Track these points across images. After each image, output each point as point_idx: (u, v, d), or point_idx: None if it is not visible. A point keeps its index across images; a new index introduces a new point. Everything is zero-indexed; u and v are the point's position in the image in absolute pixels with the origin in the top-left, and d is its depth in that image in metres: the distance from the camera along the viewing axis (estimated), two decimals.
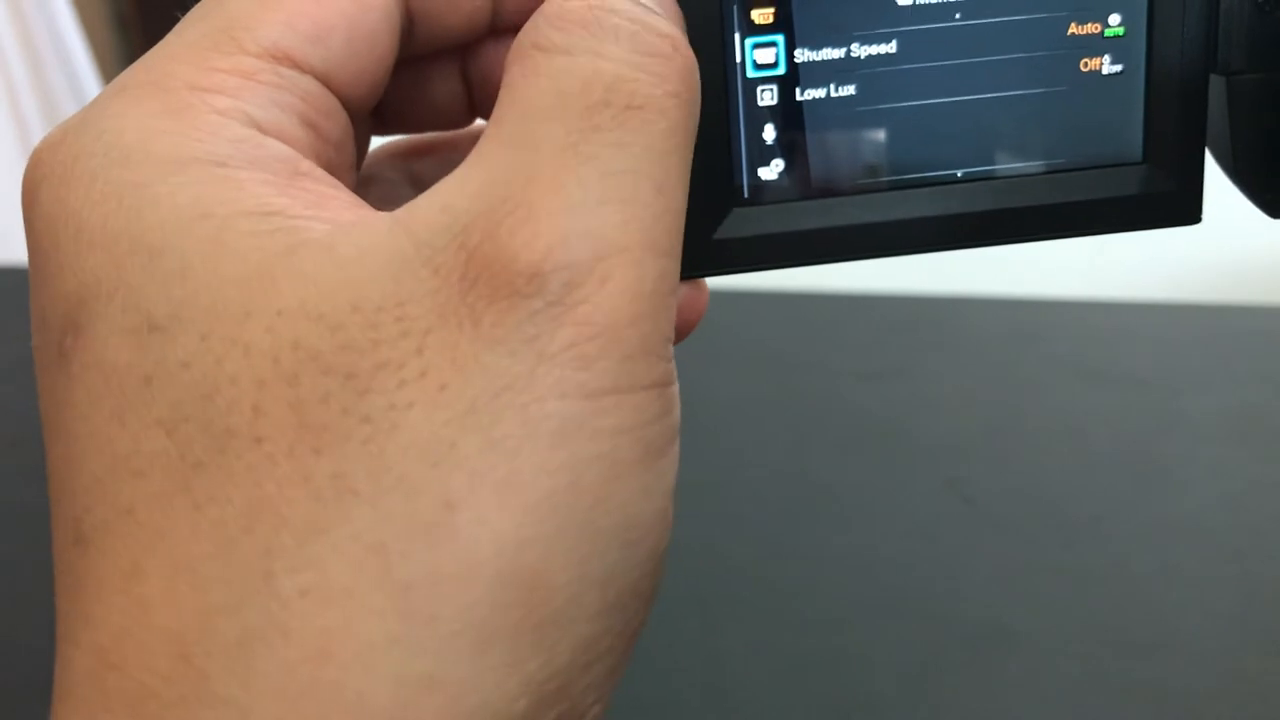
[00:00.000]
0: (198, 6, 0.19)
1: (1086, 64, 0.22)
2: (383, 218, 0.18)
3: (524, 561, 0.16)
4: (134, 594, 0.16)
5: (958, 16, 0.21)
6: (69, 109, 1.64)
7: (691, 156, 0.19)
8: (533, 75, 0.18)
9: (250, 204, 0.17)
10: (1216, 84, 0.22)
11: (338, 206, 0.18)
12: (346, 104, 0.20)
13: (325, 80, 0.19)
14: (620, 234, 0.17)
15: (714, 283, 0.24)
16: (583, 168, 0.17)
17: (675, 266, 0.19)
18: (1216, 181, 0.24)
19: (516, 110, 0.18)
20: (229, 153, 0.18)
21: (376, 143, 0.25)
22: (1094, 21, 0.22)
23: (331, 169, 0.20)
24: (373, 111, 0.23)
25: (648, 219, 0.18)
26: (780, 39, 0.21)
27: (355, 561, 0.16)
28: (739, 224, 0.22)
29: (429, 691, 0.16)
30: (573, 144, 0.18)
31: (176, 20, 0.19)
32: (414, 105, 0.24)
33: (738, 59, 0.21)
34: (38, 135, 1.65)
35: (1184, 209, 0.23)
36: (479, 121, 0.25)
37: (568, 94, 0.18)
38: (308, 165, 0.18)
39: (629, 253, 0.17)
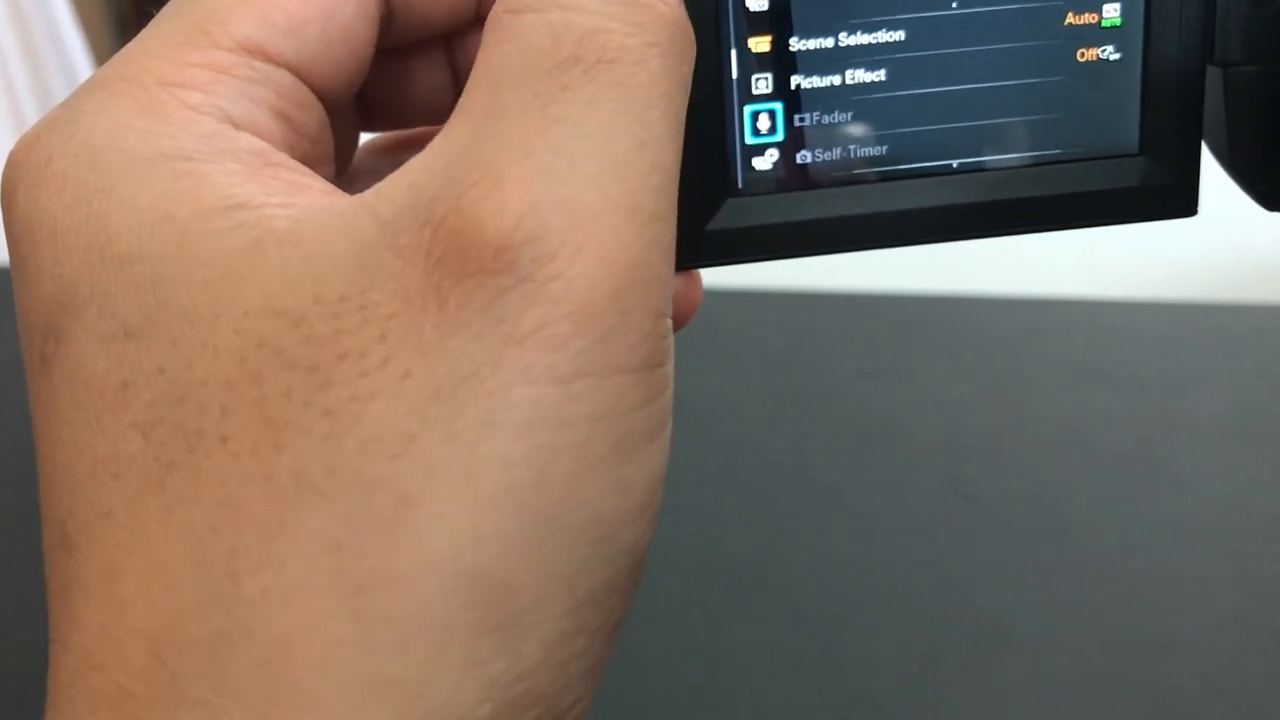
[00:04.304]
0: (173, 1, 0.19)
1: (1083, 54, 0.22)
2: (349, 201, 0.17)
3: (482, 560, 0.15)
4: (113, 595, 0.16)
5: (954, 5, 0.21)
6: None
7: (684, 112, 0.18)
8: (503, 40, 0.17)
9: (214, 200, 0.17)
10: (1213, 76, 0.22)
11: (310, 194, 0.17)
12: (322, 96, 0.20)
13: (299, 73, 0.19)
14: (597, 198, 0.16)
15: (715, 281, 0.24)
16: (552, 130, 0.16)
17: (667, 232, 0.17)
18: (1216, 179, 0.24)
19: (487, 79, 0.17)
20: (197, 147, 0.17)
21: (366, 141, 0.25)
22: (1091, 11, 0.22)
23: (307, 162, 0.19)
24: (359, 106, 0.23)
25: (630, 179, 0.17)
26: (776, 26, 0.21)
27: (312, 560, 0.15)
28: (733, 215, 0.22)
29: (384, 694, 0.15)
30: (541, 106, 0.16)
31: (152, 16, 0.19)
32: (401, 98, 0.23)
33: (733, 47, 0.21)
34: None
35: (1179, 201, 0.22)
36: None
37: (536, 53, 0.17)
38: (280, 157, 0.18)
39: (607, 218, 0.16)
